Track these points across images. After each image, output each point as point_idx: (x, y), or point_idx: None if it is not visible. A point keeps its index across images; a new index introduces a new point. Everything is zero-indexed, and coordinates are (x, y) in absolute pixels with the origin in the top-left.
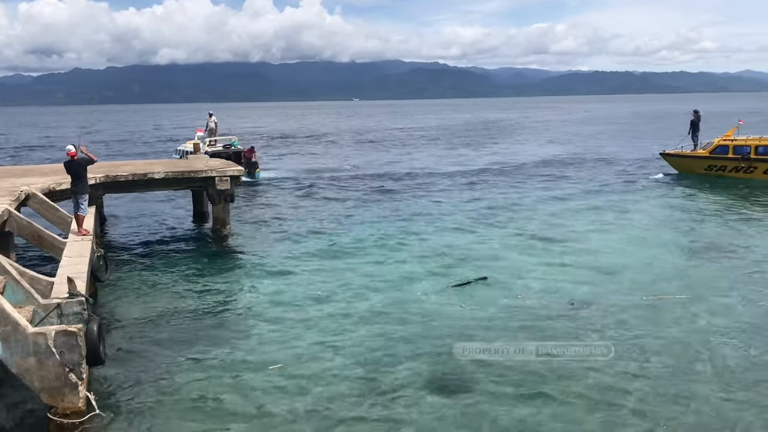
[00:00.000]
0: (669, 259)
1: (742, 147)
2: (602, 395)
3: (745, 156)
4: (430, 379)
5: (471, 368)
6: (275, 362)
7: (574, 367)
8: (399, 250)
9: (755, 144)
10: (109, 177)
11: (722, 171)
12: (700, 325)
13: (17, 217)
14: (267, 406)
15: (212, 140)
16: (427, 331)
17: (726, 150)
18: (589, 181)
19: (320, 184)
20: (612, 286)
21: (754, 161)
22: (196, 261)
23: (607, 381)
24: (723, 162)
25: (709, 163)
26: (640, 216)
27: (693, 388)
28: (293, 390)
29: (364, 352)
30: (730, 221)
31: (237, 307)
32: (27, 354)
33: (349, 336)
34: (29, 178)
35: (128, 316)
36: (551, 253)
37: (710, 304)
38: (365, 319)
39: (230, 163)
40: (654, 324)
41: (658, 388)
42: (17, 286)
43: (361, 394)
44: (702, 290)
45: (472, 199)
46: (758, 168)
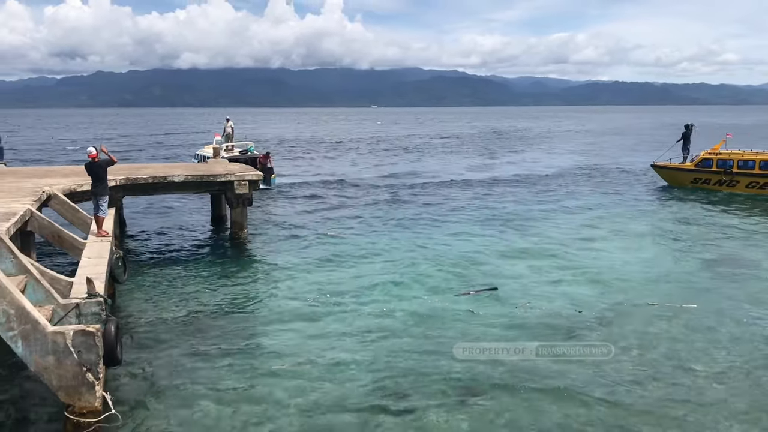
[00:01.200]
0: (679, 268)
1: (726, 161)
2: (603, 396)
3: (728, 170)
4: (439, 382)
5: (479, 373)
6: (287, 363)
7: (574, 367)
8: (412, 257)
9: (738, 158)
10: (129, 179)
11: (707, 184)
12: (710, 334)
13: (39, 217)
14: (282, 408)
15: (229, 145)
16: (436, 336)
17: (710, 163)
18: (605, 192)
19: (335, 190)
20: (620, 295)
21: (736, 175)
22: (213, 264)
23: (608, 382)
24: (708, 175)
25: (695, 176)
26: (651, 227)
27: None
28: (307, 393)
29: (376, 358)
30: (742, 235)
31: (252, 310)
32: (46, 353)
33: (361, 342)
34: (51, 179)
35: (145, 317)
36: (562, 263)
37: (720, 313)
38: (378, 325)
39: (249, 168)
40: (661, 331)
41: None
42: (38, 285)
43: (371, 398)
44: (712, 300)
45: (486, 207)
46: (740, 182)
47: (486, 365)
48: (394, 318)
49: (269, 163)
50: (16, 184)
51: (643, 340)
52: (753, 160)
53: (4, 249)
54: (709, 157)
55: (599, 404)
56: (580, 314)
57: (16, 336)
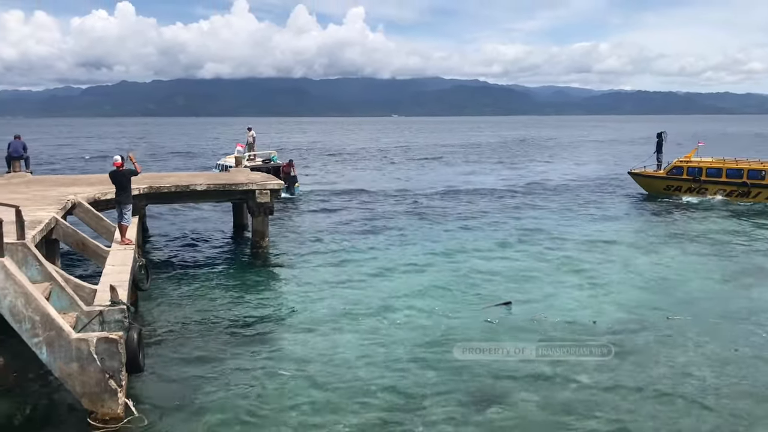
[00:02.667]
0: (697, 281)
1: (695, 168)
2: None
3: (696, 177)
4: (453, 395)
5: (492, 386)
6: (307, 370)
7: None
8: (430, 268)
9: (706, 166)
10: (152, 188)
11: (678, 191)
12: (723, 349)
13: (64, 225)
14: (302, 415)
15: (251, 155)
16: (449, 349)
17: (681, 171)
18: (622, 202)
19: (357, 199)
20: (635, 306)
21: (704, 182)
22: (234, 272)
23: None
24: (678, 182)
25: (667, 183)
26: (671, 239)
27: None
28: (327, 402)
29: (394, 368)
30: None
31: (273, 318)
32: (70, 359)
33: (379, 352)
34: (76, 188)
35: (167, 324)
36: (577, 275)
37: (736, 326)
38: (392, 338)
39: (271, 177)
40: (673, 344)
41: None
42: (62, 292)
43: (389, 409)
44: (734, 314)
45: (503, 219)
46: (708, 189)
47: (489, 367)
48: (409, 330)
49: (292, 171)
50: (42, 192)
51: (657, 355)
52: (720, 168)
53: (30, 256)
54: (680, 165)
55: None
56: (594, 324)
57: (40, 342)
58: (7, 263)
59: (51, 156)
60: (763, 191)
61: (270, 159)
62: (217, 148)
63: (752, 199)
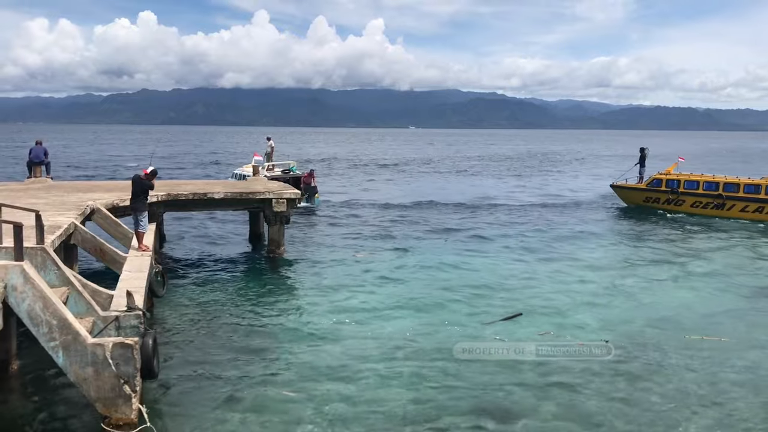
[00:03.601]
0: (709, 299)
1: (673, 181)
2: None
3: (674, 190)
4: (465, 411)
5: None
6: (321, 379)
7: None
8: (446, 279)
9: (684, 179)
10: (170, 195)
11: (656, 203)
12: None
13: (82, 231)
14: (317, 423)
15: (270, 165)
16: (461, 363)
17: (660, 183)
18: (633, 219)
19: (376, 211)
20: (647, 324)
21: (681, 195)
22: (249, 281)
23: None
24: (657, 194)
25: (646, 195)
26: (683, 257)
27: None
28: (339, 411)
29: (406, 379)
30: None
31: (288, 327)
32: (85, 364)
33: (390, 365)
34: (95, 194)
35: (182, 331)
36: (587, 289)
37: (754, 346)
38: (404, 353)
39: (288, 186)
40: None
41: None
42: (79, 297)
43: (402, 421)
44: (747, 333)
45: (523, 232)
46: (686, 201)
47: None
48: (422, 343)
49: (313, 182)
50: (61, 198)
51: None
52: (697, 181)
53: (49, 261)
54: (660, 177)
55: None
56: (607, 343)
57: (57, 346)
58: (26, 267)
59: (72, 162)
60: (737, 204)
61: (289, 169)
62: (234, 157)
63: (727, 211)
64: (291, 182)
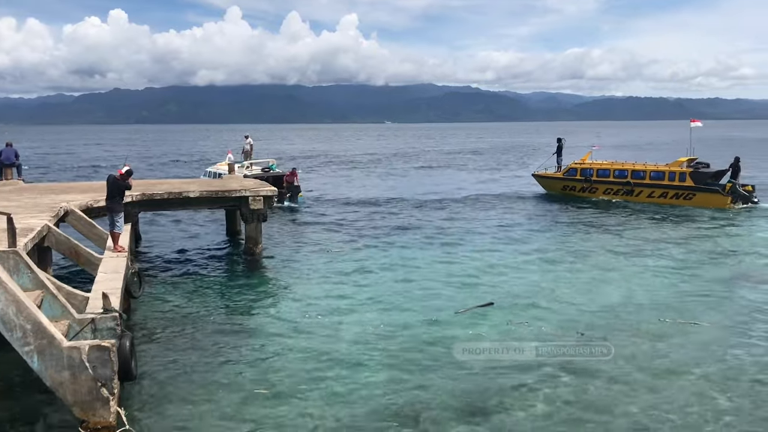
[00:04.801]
0: (687, 284)
1: (587, 170)
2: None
3: (588, 178)
4: (441, 399)
5: (480, 383)
6: (298, 377)
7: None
8: (419, 272)
9: (597, 167)
10: (145, 195)
11: (573, 191)
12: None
13: (56, 233)
14: (296, 421)
15: (249, 163)
16: (437, 351)
17: (575, 172)
18: (597, 209)
19: (358, 208)
20: (623, 309)
21: (594, 183)
22: (227, 280)
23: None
24: (573, 183)
25: (563, 183)
26: (656, 244)
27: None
28: (318, 408)
29: (382, 376)
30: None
31: (265, 326)
32: (61, 368)
33: (369, 363)
34: (68, 195)
35: (160, 332)
36: (562, 279)
37: (733, 333)
38: (383, 345)
39: (264, 183)
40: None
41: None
42: (54, 300)
43: (379, 417)
44: (732, 318)
45: (493, 224)
46: (598, 189)
47: (487, 367)
48: (396, 334)
49: (296, 180)
50: (34, 200)
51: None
52: (608, 169)
53: (22, 264)
54: (575, 166)
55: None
56: (582, 336)
57: (32, 351)
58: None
59: (45, 163)
60: (644, 190)
61: (269, 167)
62: (208, 155)
63: (636, 197)
64: (271, 181)
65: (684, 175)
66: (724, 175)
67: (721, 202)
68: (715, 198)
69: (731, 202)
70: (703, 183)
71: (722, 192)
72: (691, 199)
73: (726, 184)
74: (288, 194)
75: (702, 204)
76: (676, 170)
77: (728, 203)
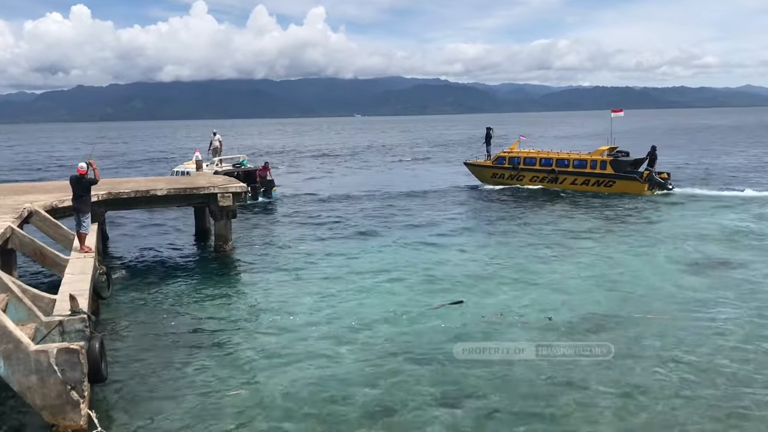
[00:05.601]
0: (662, 278)
1: (514, 158)
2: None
3: (516, 166)
4: (422, 391)
5: (462, 376)
6: (272, 374)
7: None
8: (392, 267)
9: (524, 156)
10: (111, 194)
11: (502, 178)
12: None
13: (20, 235)
14: (273, 420)
15: (218, 160)
16: (417, 347)
17: (503, 161)
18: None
19: (332, 202)
20: (593, 299)
21: (522, 170)
22: (197, 278)
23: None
24: (502, 171)
25: (493, 171)
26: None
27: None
28: (289, 410)
29: (356, 372)
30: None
31: (236, 324)
32: (29, 372)
33: (342, 358)
34: (32, 195)
35: (130, 333)
36: (528, 272)
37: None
38: (354, 339)
39: (233, 180)
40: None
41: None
42: (19, 303)
43: (355, 412)
44: (692, 309)
45: (463, 218)
46: (525, 177)
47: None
48: (370, 331)
49: (269, 175)
50: None
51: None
52: (535, 158)
53: None
54: (503, 155)
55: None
56: (550, 321)
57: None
58: None
59: (6, 164)
60: (568, 177)
61: (240, 163)
62: (172, 153)
63: (560, 184)
64: (242, 176)
65: (605, 164)
66: (642, 163)
67: (639, 189)
68: (633, 185)
69: (648, 189)
70: (622, 171)
71: (640, 179)
72: (611, 186)
73: (643, 171)
74: (262, 189)
75: (621, 191)
76: (598, 159)
77: (646, 190)
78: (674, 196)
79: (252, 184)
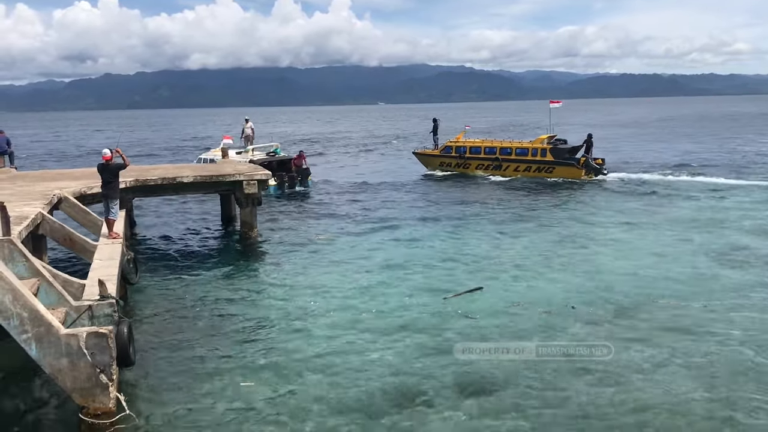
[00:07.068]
0: (679, 263)
1: (461, 147)
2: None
3: (462, 155)
4: (436, 385)
5: (478, 373)
6: (298, 363)
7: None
8: (411, 256)
9: (469, 145)
10: (139, 181)
11: (449, 167)
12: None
13: (50, 221)
14: (298, 409)
15: (251, 148)
16: (432, 338)
17: (450, 150)
18: (594, 188)
19: (357, 191)
20: (612, 287)
21: (468, 159)
22: (222, 264)
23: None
24: (449, 159)
25: (440, 160)
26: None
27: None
28: (321, 393)
29: (381, 364)
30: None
31: (261, 311)
32: (60, 355)
33: (368, 346)
34: (61, 182)
35: (157, 317)
36: (551, 260)
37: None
38: (388, 330)
39: (258, 167)
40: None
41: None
42: (50, 288)
43: (381, 408)
44: (720, 299)
45: (488, 209)
46: (471, 164)
47: (486, 365)
48: (392, 321)
49: (304, 163)
50: (27, 187)
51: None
52: (480, 147)
53: (17, 253)
54: (450, 144)
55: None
56: (573, 309)
57: (30, 339)
58: None
59: (37, 151)
60: (511, 165)
61: (274, 151)
62: (200, 140)
63: (504, 171)
64: (276, 165)
65: (545, 151)
66: (579, 150)
67: (576, 174)
68: (571, 170)
69: (585, 174)
70: (561, 157)
71: (577, 165)
72: (551, 172)
73: (580, 158)
74: (298, 177)
75: (560, 176)
76: (538, 146)
77: (582, 175)
78: (608, 182)
79: (289, 174)
